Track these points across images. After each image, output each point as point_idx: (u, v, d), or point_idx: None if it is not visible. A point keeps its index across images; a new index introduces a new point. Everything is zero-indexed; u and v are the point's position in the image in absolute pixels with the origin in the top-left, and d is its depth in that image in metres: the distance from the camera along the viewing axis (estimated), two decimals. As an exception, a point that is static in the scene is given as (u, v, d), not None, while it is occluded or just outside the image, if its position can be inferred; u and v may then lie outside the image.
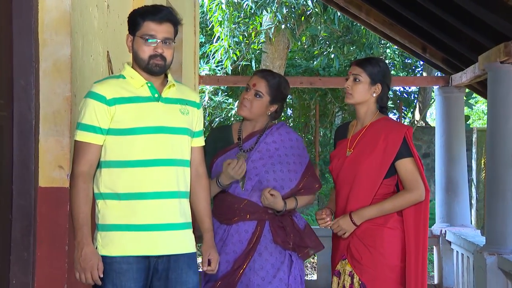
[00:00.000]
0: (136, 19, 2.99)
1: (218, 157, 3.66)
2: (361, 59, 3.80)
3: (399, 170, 3.54)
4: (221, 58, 11.14)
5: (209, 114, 11.60)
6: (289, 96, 18.18)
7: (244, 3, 10.65)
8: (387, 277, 3.53)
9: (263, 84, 3.62)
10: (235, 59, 11.46)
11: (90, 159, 2.92)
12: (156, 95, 3.01)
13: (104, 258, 2.91)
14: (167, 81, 3.08)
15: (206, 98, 11.32)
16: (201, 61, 12.26)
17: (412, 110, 17.63)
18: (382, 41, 12.15)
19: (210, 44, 11.74)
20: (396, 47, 11.35)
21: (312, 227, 3.77)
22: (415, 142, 15.22)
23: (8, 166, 3.36)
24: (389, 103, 15.24)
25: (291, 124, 15.80)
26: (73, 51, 3.49)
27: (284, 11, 10.45)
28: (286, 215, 3.61)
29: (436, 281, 8.37)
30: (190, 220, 3.12)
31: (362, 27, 10.92)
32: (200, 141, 3.21)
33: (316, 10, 10.69)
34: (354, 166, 3.57)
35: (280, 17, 10.47)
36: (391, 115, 16.56)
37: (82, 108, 2.96)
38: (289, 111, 16.02)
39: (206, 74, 11.31)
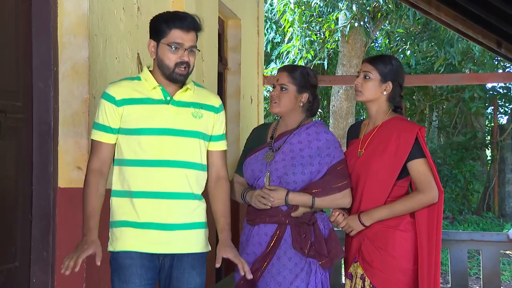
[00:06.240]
0: (161, 26, 2.99)
1: (249, 156, 3.63)
2: (373, 56, 3.67)
3: (411, 171, 3.41)
4: (295, 58, 11.04)
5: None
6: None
7: (312, 2, 10.50)
8: (399, 280, 3.40)
9: (284, 76, 3.59)
10: (310, 58, 11.31)
11: (102, 157, 3.00)
12: (168, 98, 3.03)
13: (112, 253, 3.00)
14: (184, 84, 3.09)
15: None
16: (277, 61, 12.22)
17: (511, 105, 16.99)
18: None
19: (284, 44, 11.66)
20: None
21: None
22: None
23: (28, 168, 3.45)
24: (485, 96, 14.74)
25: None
26: (92, 53, 3.54)
27: (354, 9, 10.23)
28: (307, 221, 3.47)
29: (514, 288, 8.01)
30: (201, 220, 3.09)
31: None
32: (221, 145, 3.20)
33: (390, 6, 10.41)
34: (366, 166, 3.46)
35: (348, 15, 10.26)
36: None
37: (98, 108, 3.04)
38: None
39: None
